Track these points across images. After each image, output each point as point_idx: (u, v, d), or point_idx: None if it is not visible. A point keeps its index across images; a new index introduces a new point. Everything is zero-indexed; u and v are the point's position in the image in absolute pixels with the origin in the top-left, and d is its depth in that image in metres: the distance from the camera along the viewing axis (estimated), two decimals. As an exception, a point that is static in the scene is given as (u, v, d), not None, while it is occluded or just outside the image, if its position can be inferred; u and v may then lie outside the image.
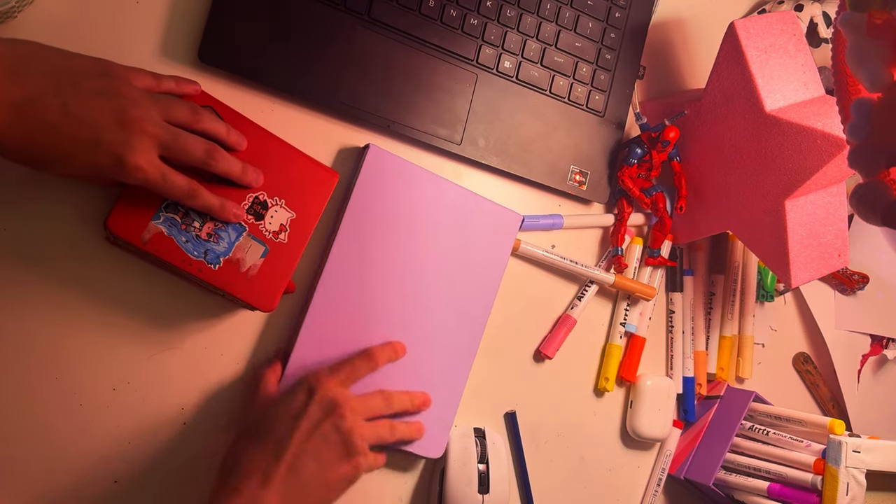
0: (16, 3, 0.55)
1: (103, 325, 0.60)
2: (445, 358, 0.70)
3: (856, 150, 0.47)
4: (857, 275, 0.93)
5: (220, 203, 0.58)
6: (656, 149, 0.76)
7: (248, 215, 0.59)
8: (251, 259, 0.59)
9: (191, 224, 0.57)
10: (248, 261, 0.59)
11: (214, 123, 0.57)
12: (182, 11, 0.63)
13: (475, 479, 0.68)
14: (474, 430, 0.71)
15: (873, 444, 0.74)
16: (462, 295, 0.70)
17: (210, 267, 0.58)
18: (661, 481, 0.82)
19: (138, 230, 0.56)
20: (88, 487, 0.60)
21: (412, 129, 0.69)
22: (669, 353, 0.84)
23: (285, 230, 0.61)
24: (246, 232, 0.59)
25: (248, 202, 0.59)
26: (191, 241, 0.57)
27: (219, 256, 0.58)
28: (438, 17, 0.70)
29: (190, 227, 0.57)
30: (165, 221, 0.56)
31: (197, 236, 0.57)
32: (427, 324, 0.69)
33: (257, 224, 0.60)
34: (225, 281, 0.58)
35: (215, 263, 0.58)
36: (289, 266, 0.61)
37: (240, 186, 0.59)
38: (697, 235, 0.81)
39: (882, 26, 0.46)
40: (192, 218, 0.57)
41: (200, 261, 0.57)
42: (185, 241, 0.57)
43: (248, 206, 0.59)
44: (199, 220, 0.58)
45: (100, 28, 0.60)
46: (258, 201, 0.60)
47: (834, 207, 0.71)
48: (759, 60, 0.69)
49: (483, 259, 0.71)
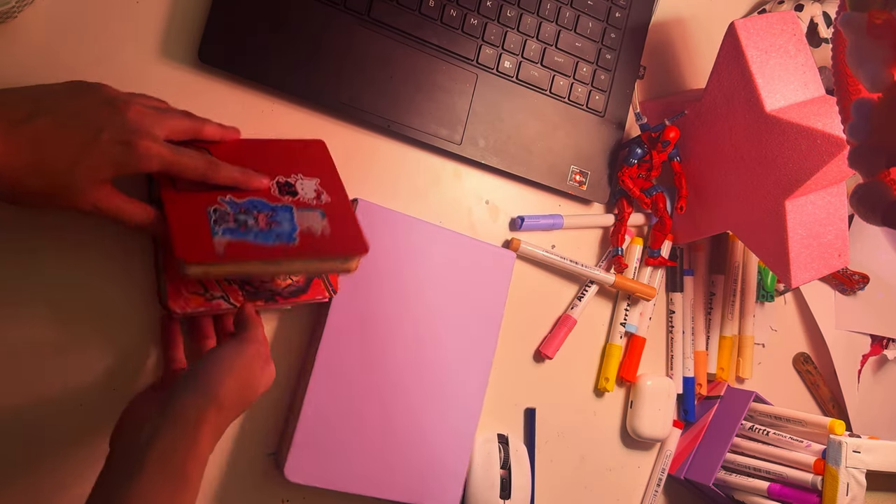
0: (16, 3, 0.55)
1: (104, 325, 0.60)
2: (454, 407, 0.69)
3: (856, 150, 0.47)
4: (857, 275, 0.93)
5: (241, 171, 0.58)
6: (656, 149, 0.76)
7: (284, 196, 0.59)
8: (317, 224, 0.59)
9: (246, 222, 0.57)
10: (316, 227, 0.58)
11: (215, 129, 0.59)
12: (182, 11, 0.63)
13: (497, 483, 0.69)
14: (498, 436, 0.72)
15: (873, 445, 0.74)
16: (465, 340, 0.69)
17: (292, 245, 0.57)
18: (661, 481, 0.82)
19: (209, 249, 0.54)
20: (89, 487, 0.60)
21: (412, 129, 0.69)
22: (669, 353, 0.84)
23: (321, 192, 0.60)
24: (295, 208, 0.59)
25: (275, 189, 0.59)
26: (258, 234, 0.56)
27: (291, 234, 0.57)
28: (438, 17, 0.70)
29: (248, 225, 0.56)
30: (225, 232, 0.55)
31: (259, 229, 0.57)
32: (432, 376, 0.68)
33: (297, 199, 0.59)
34: (312, 249, 0.57)
35: (292, 241, 0.57)
36: (349, 212, 0.60)
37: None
38: (698, 235, 0.81)
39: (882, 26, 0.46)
40: (244, 217, 0.57)
41: (279, 245, 0.56)
42: (254, 238, 0.56)
43: (277, 192, 0.59)
44: (250, 216, 0.57)
45: (100, 28, 0.60)
46: (282, 184, 0.60)
47: (834, 207, 0.71)
48: (760, 60, 0.69)
49: (482, 299, 0.70)
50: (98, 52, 0.60)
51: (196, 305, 0.58)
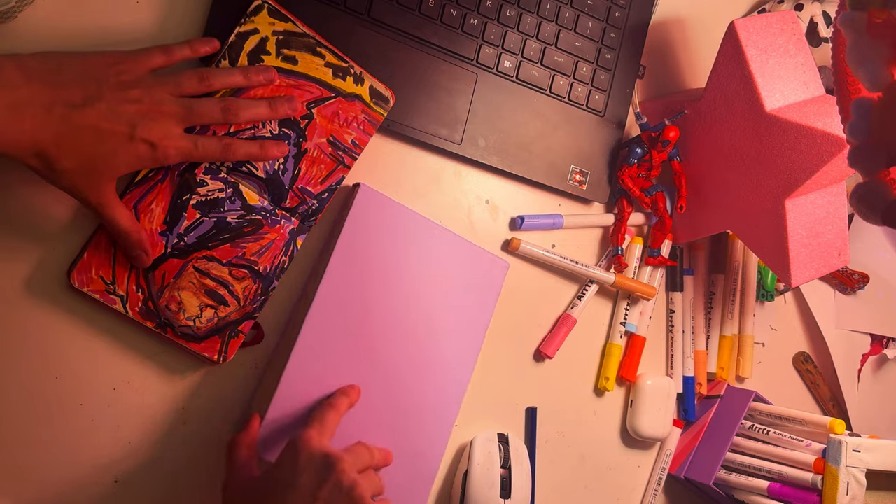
0: (16, 2, 0.55)
1: (104, 324, 0.61)
2: (431, 409, 0.68)
3: (856, 150, 0.47)
4: (857, 274, 0.93)
5: (258, 145, 0.60)
6: (656, 148, 0.76)
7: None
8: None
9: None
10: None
11: (226, 78, 0.59)
12: (182, 11, 0.63)
13: (497, 483, 0.69)
14: (498, 435, 0.72)
15: (873, 444, 0.74)
16: (450, 342, 0.69)
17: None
18: (661, 481, 0.82)
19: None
20: (89, 487, 0.60)
21: (412, 129, 0.69)
22: (669, 352, 0.84)
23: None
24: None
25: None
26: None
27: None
28: (438, 17, 0.70)
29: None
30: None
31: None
32: (412, 373, 0.67)
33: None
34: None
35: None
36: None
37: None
38: (697, 235, 0.81)
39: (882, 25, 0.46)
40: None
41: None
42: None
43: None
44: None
45: (99, 28, 0.60)
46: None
47: (834, 207, 0.71)
48: (759, 60, 0.69)
49: (472, 303, 0.70)
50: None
51: (94, 289, 0.57)
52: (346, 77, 0.64)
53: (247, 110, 0.59)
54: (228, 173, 0.61)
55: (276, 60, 0.62)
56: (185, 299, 0.60)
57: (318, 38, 0.63)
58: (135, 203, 0.58)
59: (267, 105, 0.60)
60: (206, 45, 0.60)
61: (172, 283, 0.59)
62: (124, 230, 0.56)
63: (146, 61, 0.56)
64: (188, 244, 0.60)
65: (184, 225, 0.60)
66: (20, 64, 0.51)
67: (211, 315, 0.60)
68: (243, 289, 0.61)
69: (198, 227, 0.60)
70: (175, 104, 0.56)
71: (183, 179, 0.59)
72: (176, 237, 0.59)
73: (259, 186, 0.62)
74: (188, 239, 0.60)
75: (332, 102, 0.63)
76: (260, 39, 0.61)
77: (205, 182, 0.60)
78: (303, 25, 0.62)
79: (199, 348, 0.60)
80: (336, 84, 0.64)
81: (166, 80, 0.56)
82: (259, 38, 0.61)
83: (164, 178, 0.59)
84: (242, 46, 0.61)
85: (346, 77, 0.64)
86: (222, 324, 0.61)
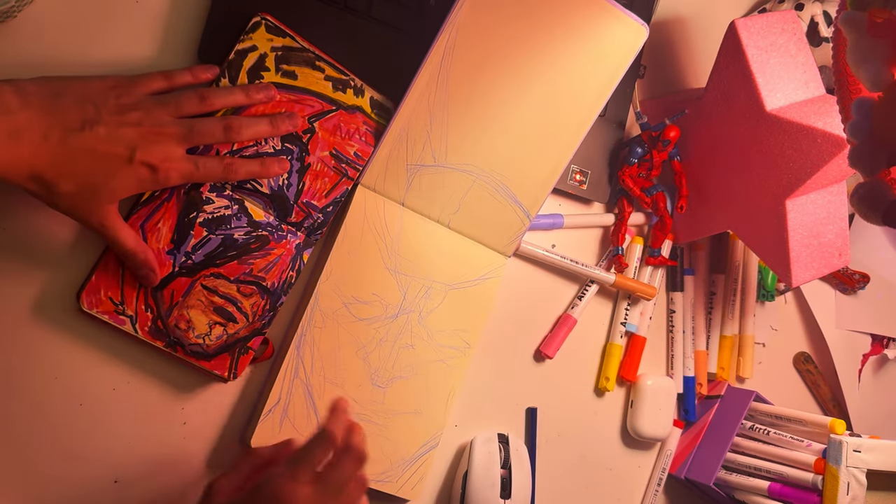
0: (16, 2, 0.55)
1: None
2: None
3: (856, 150, 0.47)
4: (857, 274, 0.93)
5: (259, 163, 0.60)
6: (657, 148, 0.76)
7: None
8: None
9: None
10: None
11: (227, 97, 0.59)
12: (182, 11, 0.63)
13: (497, 483, 0.69)
14: (498, 435, 0.72)
15: (874, 444, 0.74)
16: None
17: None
18: (661, 481, 0.82)
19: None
20: (88, 487, 0.60)
21: (412, 129, 0.69)
22: (670, 352, 0.84)
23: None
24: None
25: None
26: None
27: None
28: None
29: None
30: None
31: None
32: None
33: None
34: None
35: None
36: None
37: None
38: (698, 235, 0.81)
39: (883, 25, 0.46)
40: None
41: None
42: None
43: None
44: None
45: (99, 28, 0.60)
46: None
47: (835, 207, 0.71)
48: (760, 59, 0.69)
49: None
50: (98, 51, 0.60)
51: (103, 310, 0.58)
52: (347, 89, 0.64)
53: (249, 128, 0.59)
54: (233, 190, 0.61)
55: (275, 76, 0.62)
56: (195, 317, 0.60)
57: (317, 51, 0.63)
58: (142, 223, 0.58)
59: (268, 122, 0.60)
60: (207, 71, 0.60)
61: (181, 302, 0.59)
62: (130, 251, 0.56)
63: (146, 85, 0.56)
64: (196, 262, 0.60)
65: (191, 243, 0.60)
66: (18, 89, 0.50)
67: (220, 332, 0.61)
68: (252, 305, 0.62)
69: (205, 244, 0.60)
70: (176, 125, 0.56)
71: (189, 198, 0.59)
72: (183, 255, 0.60)
73: (264, 202, 0.62)
74: (196, 257, 0.60)
75: (333, 115, 0.63)
76: (259, 56, 0.61)
77: (210, 200, 0.60)
78: (301, 40, 0.62)
79: (209, 366, 0.61)
80: (336, 97, 0.64)
81: (166, 102, 0.56)
82: (258, 54, 0.61)
83: (170, 196, 0.59)
84: (242, 64, 0.61)
85: (346, 89, 0.64)
86: (232, 340, 0.61)
